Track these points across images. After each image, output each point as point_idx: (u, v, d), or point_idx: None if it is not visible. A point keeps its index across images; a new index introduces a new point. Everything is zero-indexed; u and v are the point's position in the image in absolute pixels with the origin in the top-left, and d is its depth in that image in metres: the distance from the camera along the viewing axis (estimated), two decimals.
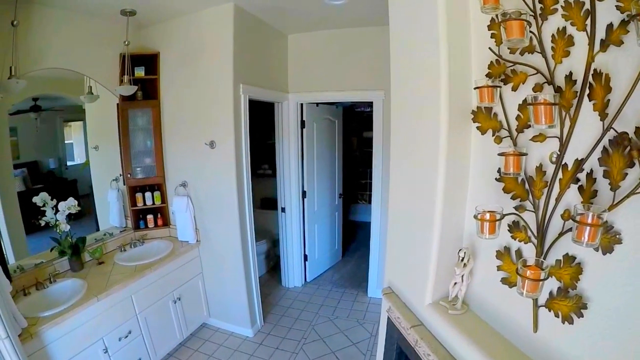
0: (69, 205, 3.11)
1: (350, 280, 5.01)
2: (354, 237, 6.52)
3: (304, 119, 4.46)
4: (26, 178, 3.30)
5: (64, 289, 2.99)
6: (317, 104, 4.56)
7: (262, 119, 5.08)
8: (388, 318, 2.18)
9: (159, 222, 3.94)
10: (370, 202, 4.49)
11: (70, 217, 3.17)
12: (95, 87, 3.53)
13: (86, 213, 3.55)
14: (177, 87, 3.68)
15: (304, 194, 4.62)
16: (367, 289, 4.58)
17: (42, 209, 3.05)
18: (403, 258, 2.16)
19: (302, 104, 4.41)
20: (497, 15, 1.43)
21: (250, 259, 3.78)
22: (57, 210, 3.09)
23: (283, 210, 4.64)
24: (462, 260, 1.67)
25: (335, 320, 4.13)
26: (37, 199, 3.04)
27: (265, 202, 5.98)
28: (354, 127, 7.23)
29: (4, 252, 2.72)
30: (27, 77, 2.80)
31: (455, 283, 1.74)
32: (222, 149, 3.49)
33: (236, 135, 3.44)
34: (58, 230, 3.07)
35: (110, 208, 3.82)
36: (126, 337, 3.08)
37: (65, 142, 3.73)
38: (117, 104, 3.68)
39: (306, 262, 4.90)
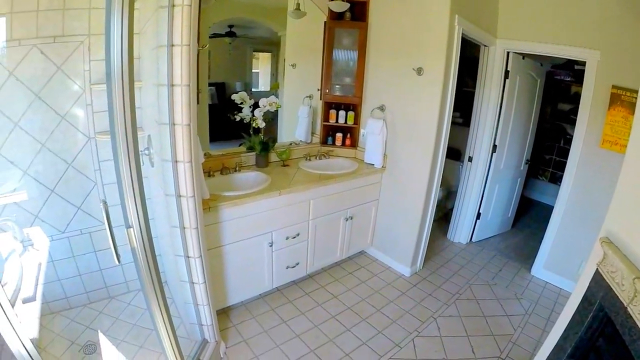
0: (271, 101, 3.24)
1: (516, 252, 4.63)
2: (525, 212, 5.98)
3: (508, 69, 4.05)
4: (214, 95, 3.61)
5: (247, 178, 3.20)
6: (524, 55, 4.10)
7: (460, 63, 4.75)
8: (595, 273, 1.85)
9: (347, 142, 3.99)
10: (550, 180, 3.98)
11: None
12: (303, 4, 3.59)
13: (268, 132, 3.69)
14: (388, 11, 3.57)
15: (494, 147, 4.28)
16: (531, 266, 4.18)
17: (240, 105, 3.25)
18: None
19: (508, 53, 4.00)
20: None
21: (431, 198, 3.64)
22: (255, 107, 3.30)
23: (470, 159, 4.38)
24: None
25: (494, 287, 3.86)
26: (235, 97, 3.27)
27: (449, 151, 5.65)
28: (550, 95, 6.50)
29: None
30: None
31: None
32: (429, 77, 3.31)
33: (446, 66, 3.24)
34: (254, 124, 3.26)
35: (298, 123, 3.98)
36: (294, 237, 3.22)
37: (253, 70, 3.92)
38: (325, 22, 3.75)
39: (477, 221, 4.62)
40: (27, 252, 2.98)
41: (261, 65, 4.06)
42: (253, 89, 3.93)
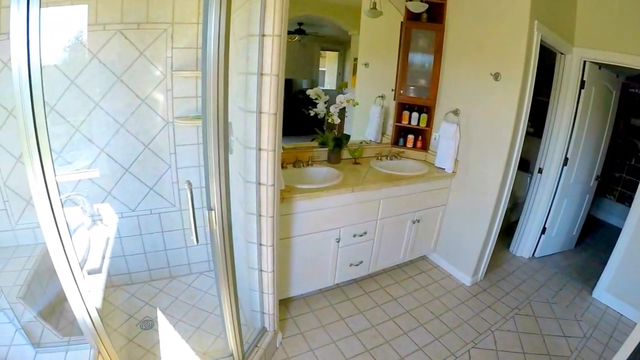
0: (348, 98, 3.24)
1: (578, 272, 4.43)
2: (590, 231, 5.71)
3: (584, 79, 3.88)
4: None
5: (319, 173, 3.22)
6: (600, 65, 3.91)
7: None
8: None
9: (418, 144, 3.94)
10: (617, 199, 3.77)
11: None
12: (380, 3, 3.56)
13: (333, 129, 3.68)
14: (466, 14, 3.50)
15: (565, 160, 4.12)
16: (593, 289, 3.98)
17: (315, 100, 3.26)
18: None
19: (584, 62, 3.82)
20: None
21: (500, 207, 3.55)
22: (329, 104, 3.30)
23: (540, 171, 4.23)
24: None
25: (554, 305, 3.71)
26: (311, 92, 3.30)
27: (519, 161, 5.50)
28: (623, 109, 6.16)
29: None
30: None
31: None
32: (506, 83, 3.22)
33: (524, 72, 3.13)
34: (330, 120, 3.26)
35: (369, 122, 3.96)
36: (361, 236, 3.21)
37: (320, 69, 3.89)
38: (402, 23, 3.72)
39: (542, 235, 4.46)
40: (96, 227, 3.09)
41: (328, 63, 4.07)
42: (307, 89, 3.95)
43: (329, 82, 4.07)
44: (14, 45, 1.45)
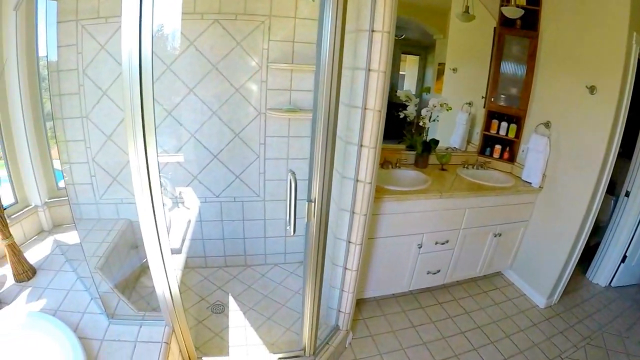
0: (442, 102, 3.15)
1: None
2: None
3: None
4: None
5: (407, 176, 3.17)
6: None
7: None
8: None
9: (505, 155, 3.79)
10: None
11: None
12: (472, 7, 3.44)
13: (421, 133, 3.60)
14: (561, 22, 3.33)
15: None
16: None
17: (405, 102, 3.19)
18: None
19: None
20: None
21: (585, 229, 3.35)
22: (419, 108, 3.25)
23: (627, 194, 3.99)
24: None
25: (626, 340, 3.48)
26: (401, 94, 3.25)
27: None
28: None
29: None
30: None
31: None
32: (602, 97, 3.03)
33: (621, 87, 2.94)
34: (422, 123, 3.18)
35: (455, 129, 3.85)
36: (442, 244, 3.13)
37: (399, 72, 3.81)
38: (495, 28, 3.58)
39: (621, 264, 4.20)
40: (177, 209, 3.14)
41: (408, 67, 3.98)
42: (398, 91, 3.87)
43: (408, 86, 3.97)
44: (125, 30, 1.49)
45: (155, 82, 2.69)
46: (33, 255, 2.84)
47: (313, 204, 2.01)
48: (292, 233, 2.05)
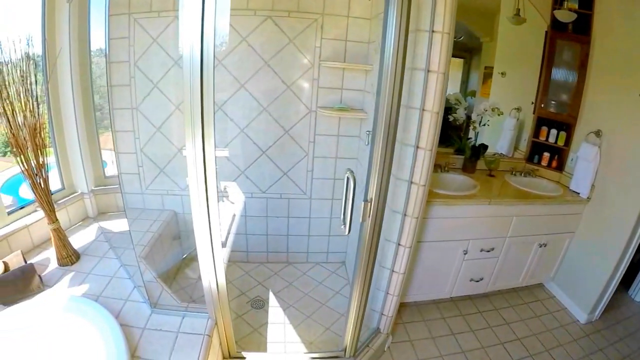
0: (493, 106, 3.09)
1: None
2: None
3: None
4: None
5: (455, 180, 3.13)
6: None
7: None
8: None
9: (553, 163, 3.67)
10: None
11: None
12: (523, 10, 3.36)
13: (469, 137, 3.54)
14: (614, 28, 3.21)
15: None
16: None
17: (454, 106, 3.14)
18: None
19: None
20: None
21: (632, 244, 3.22)
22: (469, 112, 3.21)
23: None
24: None
25: None
26: (451, 97, 3.20)
27: None
28: None
29: None
30: None
31: None
32: None
33: None
34: (472, 128, 3.13)
35: (502, 135, 3.76)
36: (488, 252, 3.07)
37: None
38: (546, 32, 3.49)
39: None
40: (222, 203, 3.15)
41: (451, 70, 3.91)
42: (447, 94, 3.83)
43: (451, 90, 3.91)
44: (186, 23, 1.51)
45: None
46: (77, 240, 2.89)
47: (369, 204, 1.98)
48: (346, 232, 2.03)
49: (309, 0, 2.81)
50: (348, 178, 1.94)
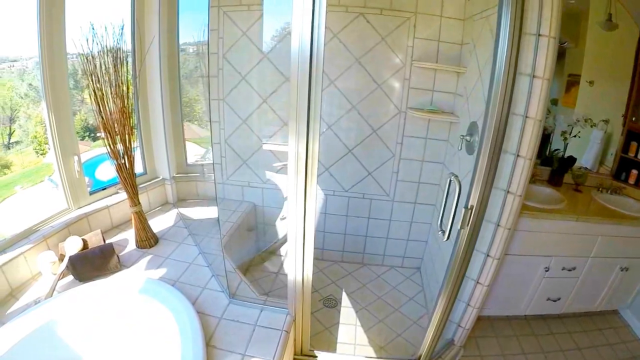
0: (585, 116, 2.98)
1: None
2: None
3: None
4: None
5: (541, 192, 3.06)
6: None
7: None
8: None
9: None
10: None
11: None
12: (615, 15, 3.19)
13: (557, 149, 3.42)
14: None
15: None
16: None
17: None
18: None
19: None
20: None
21: None
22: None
23: None
24: None
25: None
26: None
27: None
28: None
29: None
30: None
31: None
32: None
33: None
34: (562, 139, 3.03)
35: (588, 148, 3.57)
36: (569, 270, 2.95)
37: None
38: (639, 39, 3.25)
39: None
40: None
41: None
42: None
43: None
44: (296, 15, 1.50)
45: None
46: (156, 224, 2.94)
47: (470, 211, 1.94)
48: (445, 239, 1.99)
49: None
50: (451, 182, 1.90)
